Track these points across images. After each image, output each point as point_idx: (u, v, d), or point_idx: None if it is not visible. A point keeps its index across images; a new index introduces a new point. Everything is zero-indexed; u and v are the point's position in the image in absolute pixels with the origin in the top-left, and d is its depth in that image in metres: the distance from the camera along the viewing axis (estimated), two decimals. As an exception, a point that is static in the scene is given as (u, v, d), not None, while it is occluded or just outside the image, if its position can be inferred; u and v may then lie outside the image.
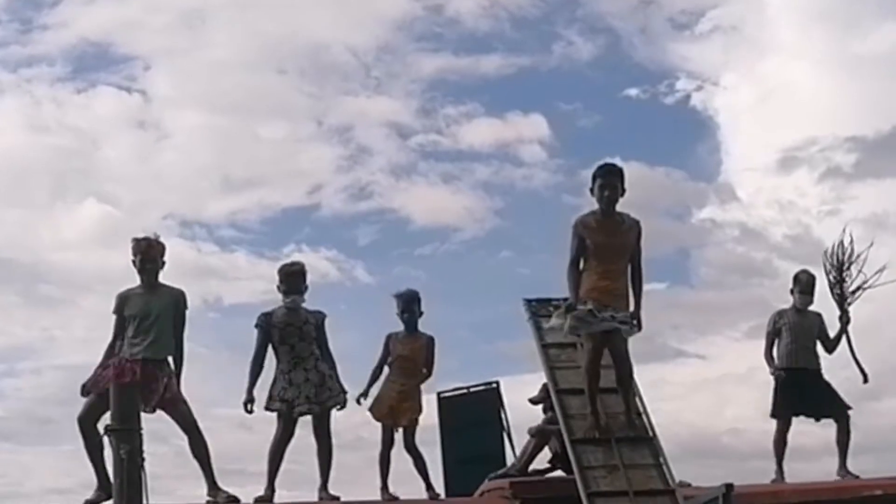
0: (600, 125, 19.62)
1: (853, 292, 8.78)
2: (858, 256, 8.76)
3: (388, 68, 20.00)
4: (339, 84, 20.27)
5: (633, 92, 19.73)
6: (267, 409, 7.73)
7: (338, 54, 19.81)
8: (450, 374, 8.61)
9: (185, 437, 7.39)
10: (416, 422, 8.10)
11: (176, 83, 19.27)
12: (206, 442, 7.43)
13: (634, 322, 7.41)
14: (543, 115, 19.42)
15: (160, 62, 18.95)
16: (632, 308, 7.48)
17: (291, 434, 7.75)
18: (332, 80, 20.26)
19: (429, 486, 8.06)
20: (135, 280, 7.52)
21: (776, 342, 8.96)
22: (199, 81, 19.60)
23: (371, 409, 8.05)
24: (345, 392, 7.86)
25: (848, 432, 8.62)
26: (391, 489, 7.89)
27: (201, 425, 7.43)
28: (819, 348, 8.94)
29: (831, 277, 8.82)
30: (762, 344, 9.02)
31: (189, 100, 19.88)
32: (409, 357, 8.13)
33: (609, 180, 7.43)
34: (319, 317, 7.94)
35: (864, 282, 8.72)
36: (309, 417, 7.75)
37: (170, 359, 7.46)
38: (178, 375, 7.46)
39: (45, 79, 18.76)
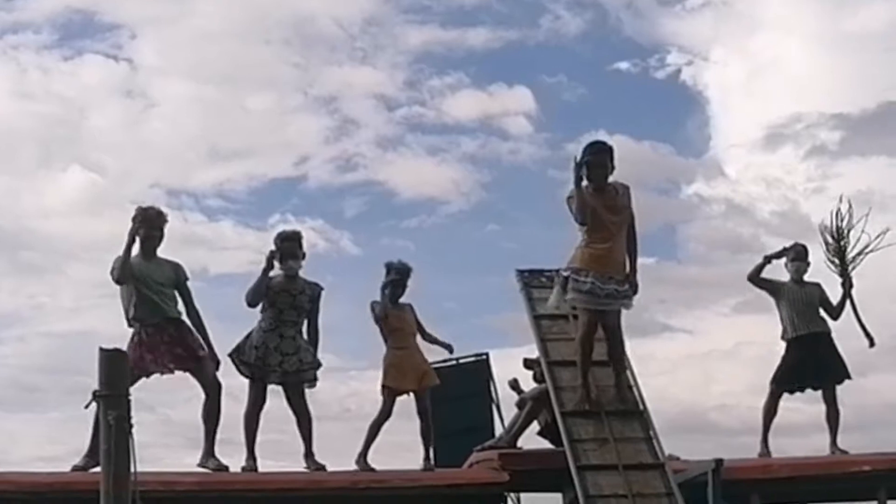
0: (587, 98, 19.62)
1: (855, 257, 8.72)
2: (855, 223, 8.71)
3: (374, 40, 19.89)
4: (325, 55, 20.15)
5: (623, 65, 19.74)
6: (233, 361, 7.62)
7: (324, 25, 19.75)
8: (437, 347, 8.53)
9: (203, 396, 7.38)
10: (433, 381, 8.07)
11: (162, 52, 19.23)
12: (220, 408, 7.43)
13: (632, 293, 7.38)
14: (529, 89, 19.38)
15: (146, 31, 18.94)
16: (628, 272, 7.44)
17: (263, 401, 7.67)
18: (319, 51, 20.18)
19: (427, 456, 7.94)
20: (120, 249, 7.40)
21: (777, 308, 8.85)
22: (186, 51, 19.54)
23: (393, 380, 7.89)
24: (316, 368, 7.75)
25: (836, 408, 8.62)
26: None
27: (191, 393, 7.45)
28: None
29: (830, 245, 8.77)
30: (749, 320, 9.05)
31: (176, 69, 19.78)
32: (401, 328, 8.06)
33: (599, 159, 7.37)
34: (316, 289, 7.88)
35: (867, 245, 8.64)
36: (281, 388, 7.69)
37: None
38: (208, 344, 7.48)
39: (31, 46, 18.68)
